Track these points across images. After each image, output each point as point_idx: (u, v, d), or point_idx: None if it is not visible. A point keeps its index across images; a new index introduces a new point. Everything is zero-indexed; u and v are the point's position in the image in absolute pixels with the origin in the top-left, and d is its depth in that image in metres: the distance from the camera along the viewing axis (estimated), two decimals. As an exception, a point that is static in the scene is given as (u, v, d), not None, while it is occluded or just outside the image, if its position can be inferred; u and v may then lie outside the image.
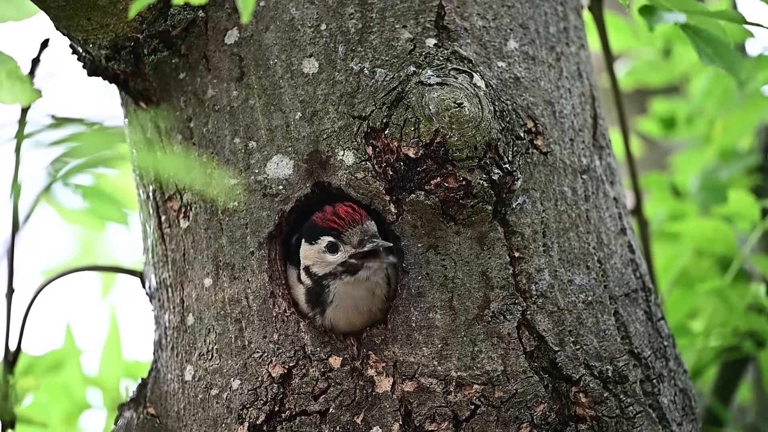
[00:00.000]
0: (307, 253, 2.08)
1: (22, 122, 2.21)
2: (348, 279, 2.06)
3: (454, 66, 2.09)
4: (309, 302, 2.08)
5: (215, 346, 2.10)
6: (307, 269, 2.08)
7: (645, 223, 2.61)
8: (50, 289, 2.36)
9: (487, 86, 2.09)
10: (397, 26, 2.11)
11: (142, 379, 2.21)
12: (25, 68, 2.24)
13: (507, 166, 2.07)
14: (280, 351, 2.06)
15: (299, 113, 2.10)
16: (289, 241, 2.12)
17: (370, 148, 2.07)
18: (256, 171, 2.10)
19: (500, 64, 2.14)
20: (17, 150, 2.22)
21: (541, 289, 2.08)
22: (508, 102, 2.11)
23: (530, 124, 2.12)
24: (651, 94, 3.26)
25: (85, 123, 2.03)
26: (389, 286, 2.07)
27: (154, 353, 2.21)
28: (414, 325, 2.05)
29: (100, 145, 2.03)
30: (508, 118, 2.09)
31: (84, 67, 2.21)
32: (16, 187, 2.25)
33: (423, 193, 2.04)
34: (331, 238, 2.05)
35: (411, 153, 2.04)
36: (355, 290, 2.06)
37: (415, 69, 2.08)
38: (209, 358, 2.11)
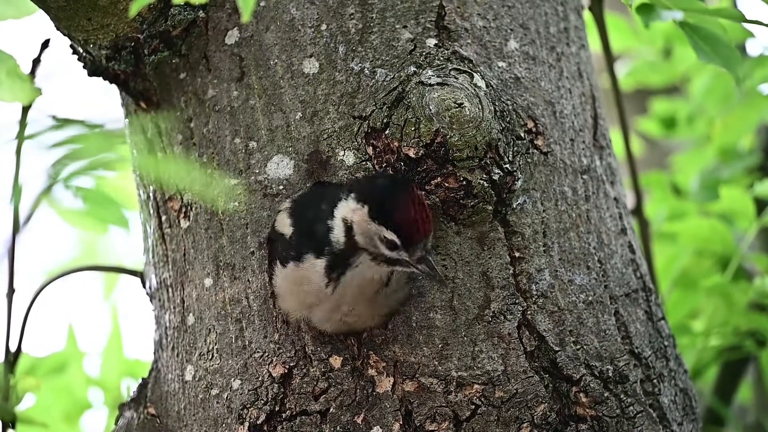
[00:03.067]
0: (359, 215, 1.97)
1: (22, 123, 2.22)
2: (382, 264, 1.98)
3: (455, 66, 2.09)
4: (329, 268, 1.98)
5: (216, 346, 2.11)
6: (349, 228, 1.97)
7: (645, 223, 2.61)
8: (52, 289, 2.36)
9: (487, 86, 2.09)
10: (397, 26, 2.11)
11: (143, 378, 2.21)
12: (26, 68, 2.24)
13: (507, 166, 2.07)
14: (281, 351, 2.06)
15: (299, 113, 2.10)
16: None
17: (371, 148, 2.07)
18: (257, 171, 2.10)
19: (501, 64, 2.14)
20: (18, 151, 2.22)
21: (542, 289, 2.08)
22: (509, 102, 2.11)
23: (531, 124, 2.12)
24: (651, 94, 3.26)
25: (86, 125, 2.03)
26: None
27: (154, 353, 2.21)
28: (414, 325, 2.05)
29: (101, 147, 2.03)
30: (508, 118, 2.09)
31: (84, 67, 2.21)
32: (16, 188, 2.25)
33: (423, 193, 2.04)
34: (397, 241, 1.94)
35: (411, 153, 2.04)
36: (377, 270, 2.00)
37: (415, 69, 2.08)
38: (210, 358, 2.11)
